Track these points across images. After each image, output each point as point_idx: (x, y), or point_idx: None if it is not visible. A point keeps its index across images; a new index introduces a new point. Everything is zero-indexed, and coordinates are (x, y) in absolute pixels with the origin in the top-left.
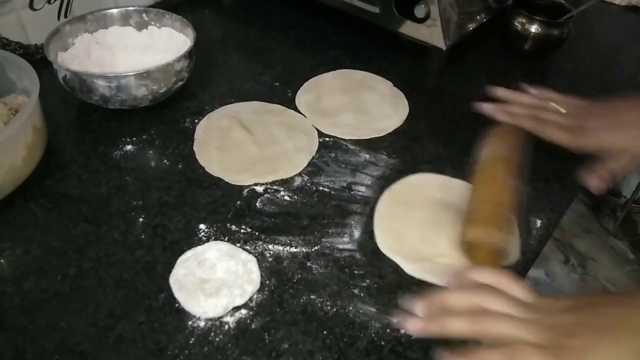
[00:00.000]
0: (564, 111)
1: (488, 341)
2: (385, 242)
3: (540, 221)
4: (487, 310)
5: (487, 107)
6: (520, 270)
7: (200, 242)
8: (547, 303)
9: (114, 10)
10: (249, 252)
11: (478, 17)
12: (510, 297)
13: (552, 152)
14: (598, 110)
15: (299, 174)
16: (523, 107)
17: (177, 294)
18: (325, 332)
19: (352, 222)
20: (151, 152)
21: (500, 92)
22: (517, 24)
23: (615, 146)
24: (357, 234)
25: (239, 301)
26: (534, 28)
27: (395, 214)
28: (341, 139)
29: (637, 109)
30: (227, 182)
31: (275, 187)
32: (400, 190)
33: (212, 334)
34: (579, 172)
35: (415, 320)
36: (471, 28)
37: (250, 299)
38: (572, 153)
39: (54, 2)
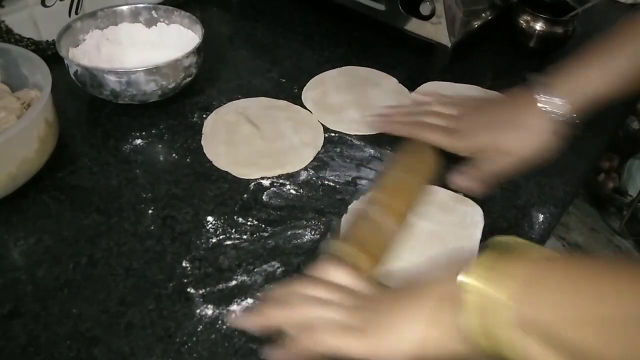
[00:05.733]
0: (455, 113)
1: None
2: None
3: (542, 216)
4: (311, 297)
5: (375, 123)
6: None
7: (209, 233)
8: (376, 292)
9: (124, 7)
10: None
11: (483, 14)
12: (338, 287)
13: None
14: (476, 111)
15: (305, 169)
16: (405, 115)
17: None
18: None
19: None
20: (160, 146)
21: (385, 109)
22: (522, 21)
23: (498, 147)
24: None
25: None
26: (539, 26)
27: None
28: (346, 134)
29: (513, 107)
30: (234, 176)
31: (281, 180)
32: None
33: (220, 321)
34: (451, 175)
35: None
36: (476, 25)
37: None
38: (575, 148)
39: None
